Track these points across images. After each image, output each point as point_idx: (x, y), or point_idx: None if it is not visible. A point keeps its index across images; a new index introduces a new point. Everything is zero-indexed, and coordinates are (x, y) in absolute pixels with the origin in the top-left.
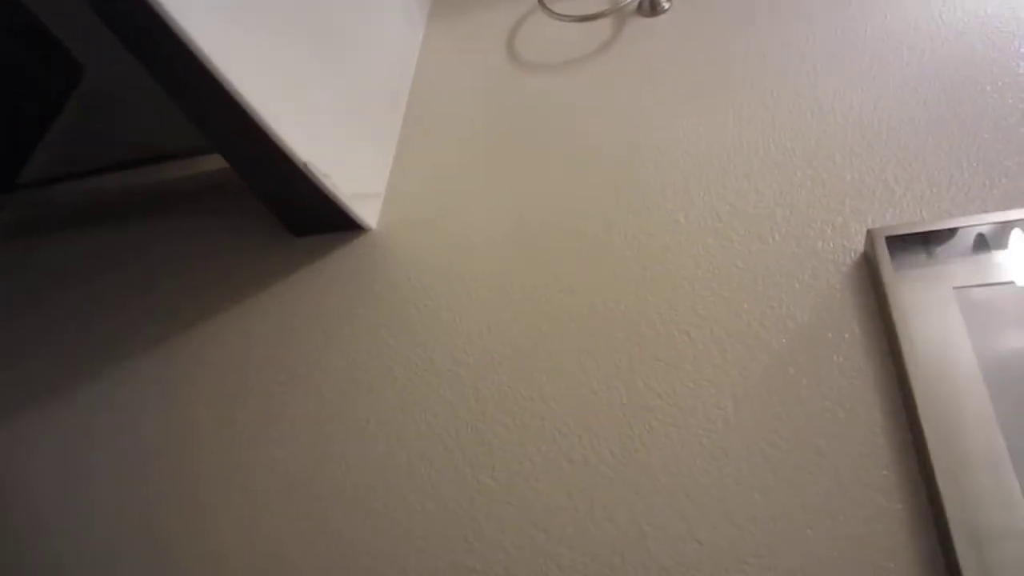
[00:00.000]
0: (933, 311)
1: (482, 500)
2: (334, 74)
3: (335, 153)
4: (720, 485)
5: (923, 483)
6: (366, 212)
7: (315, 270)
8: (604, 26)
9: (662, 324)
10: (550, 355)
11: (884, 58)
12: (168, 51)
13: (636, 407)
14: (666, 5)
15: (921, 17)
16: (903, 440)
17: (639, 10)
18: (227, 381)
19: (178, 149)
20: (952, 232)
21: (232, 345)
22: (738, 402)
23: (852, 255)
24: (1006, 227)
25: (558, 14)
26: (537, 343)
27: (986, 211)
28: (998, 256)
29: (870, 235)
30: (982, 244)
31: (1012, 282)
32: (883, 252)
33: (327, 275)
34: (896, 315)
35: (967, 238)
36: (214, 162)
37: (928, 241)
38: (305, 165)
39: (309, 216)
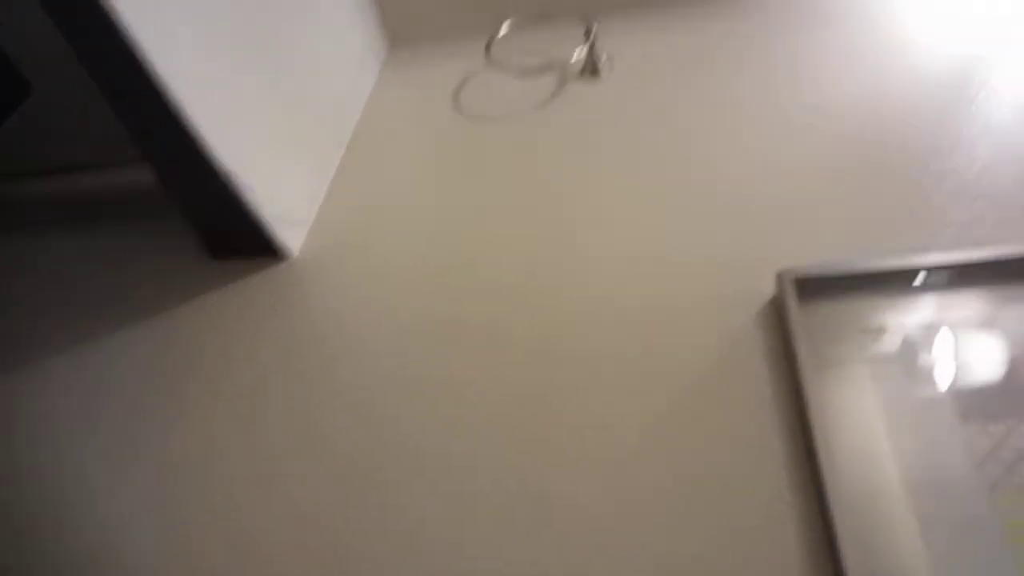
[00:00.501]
0: (839, 356)
1: (376, 537)
2: (277, 95)
3: (265, 172)
4: (620, 521)
5: (823, 527)
6: (289, 238)
7: (228, 293)
8: (547, 84)
9: (573, 359)
10: (458, 386)
11: (806, 107)
12: (110, 47)
13: (541, 440)
14: (606, 70)
15: (843, 78)
16: (807, 492)
17: (581, 73)
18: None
19: (103, 160)
20: (864, 276)
21: (125, 367)
22: (644, 438)
23: (764, 297)
24: (915, 273)
25: (502, 66)
26: (446, 373)
27: (900, 255)
28: (911, 300)
29: (779, 277)
30: (895, 287)
31: (926, 324)
32: (791, 294)
33: (239, 300)
34: (800, 358)
35: (880, 282)
36: (139, 174)
37: (839, 285)
38: (227, 174)
39: (229, 236)
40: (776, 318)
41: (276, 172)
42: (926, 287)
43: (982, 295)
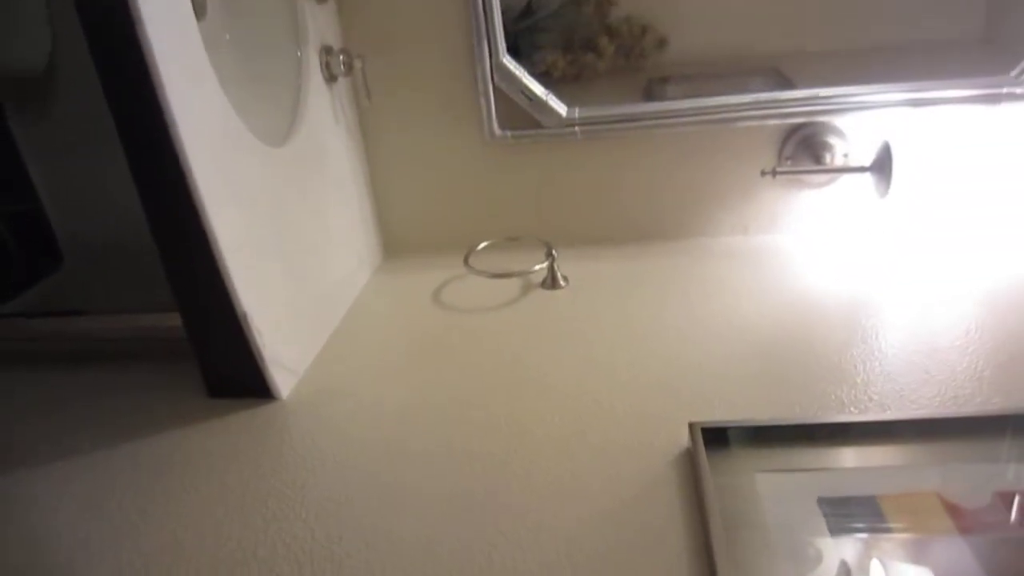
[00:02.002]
0: (743, 503)
1: None
2: (291, 264)
3: (273, 321)
4: None
5: None
6: (282, 382)
7: (220, 425)
8: (513, 290)
9: (518, 481)
10: (410, 490)
11: (718, 313)
12: (187, 219)
13: (481, 549)
14: (563, 283)
15: (751, 296)
16: None
17: (543, 283)
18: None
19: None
20: (771, 428)
21: (108, 486)
22: (572, 560)
23: (681, 446)
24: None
25: (477, 271)
26: (405, 482)
27: (804, 414)
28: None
29: (691, 427)
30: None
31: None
32: (699, 445)
33: (231, 431)
34: (708, 506)
35: (783, 434)
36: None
37: (748, 435)
38: (244, 315)
39: (231, 373)
40: (689, 465)
41: (281, 324)
42: (825, 441)
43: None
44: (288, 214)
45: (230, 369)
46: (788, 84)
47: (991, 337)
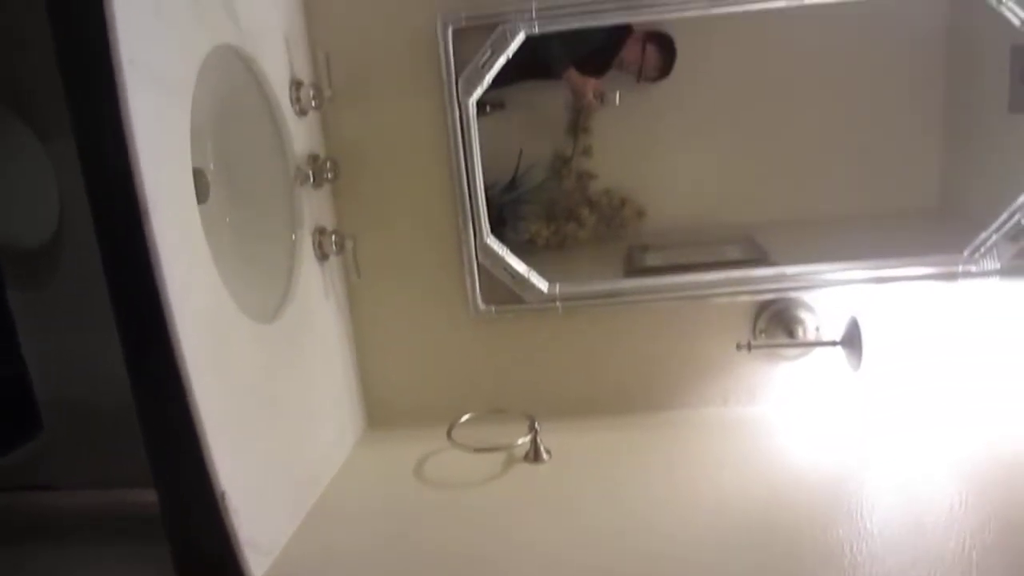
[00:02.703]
0: None
1: None
2: (271, 438)
3: (252, 498)
4: None
5: None
6: (256, 564)
7: None
8: (496, 464)
9: None
10: None
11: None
12: (173, 393)
13: None
14: (546, 457)
15: (734, 473)
16: None
17: (525, 457)
18: None
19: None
20: None
21: None
22: None
23: None
24: None
25: (460, 444)
26: None
27: None
28: None
29: None
30: None
31: None
32: None
33: None
34: None
35: None
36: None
37: None
38: (223, 495)
39: (202, 553)
40: None
41: (259, 502)
42: None
43: None
44: (274, 389)
45: (203, 550)
46: (761, 252)
47: (975, 514)
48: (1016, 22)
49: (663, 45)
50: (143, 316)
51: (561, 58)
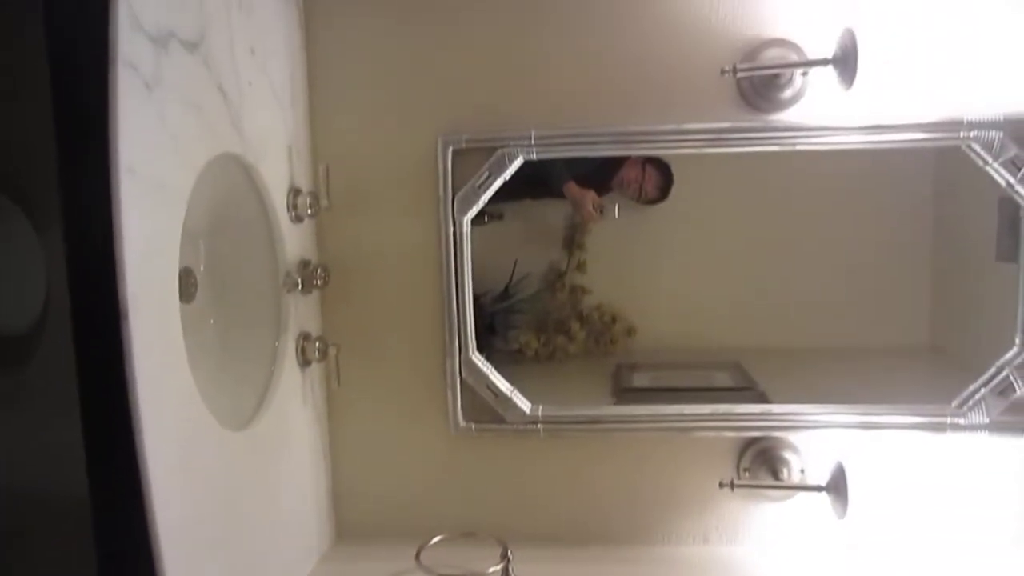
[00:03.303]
0: None
1: None
2: (235, 558)
3: None
4: None
5: None
6: None
7: None
8: None
9: None
10: None
11: None
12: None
13: None
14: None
15: None
16: None
17: None
18: None
19: None
20: None
21: None
22: None
23: None
24: None
25: (427, 568)
26: None
27: None
28: None
29: None
30: None
31: None
32: None
33: None
34: None
35: None
36: None
37: None
38: None
39: None
40: None
41: None
42: None
43: None
44: (240, 499)
45: None
46: (750, 381)
47: None
48: (1002, 183)
49: (661, 168)
50: (110, 416)
51: (561, 175)
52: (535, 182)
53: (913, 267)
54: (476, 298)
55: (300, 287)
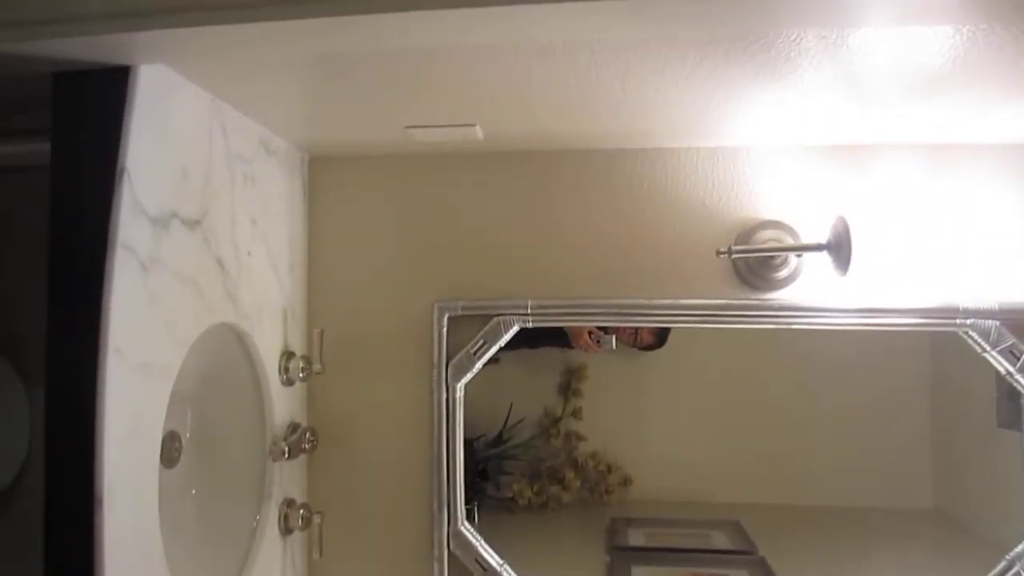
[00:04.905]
0: None
1: None
2: None
3: None
4: None
5: None
6: None
7: None
8: None
9: None
10: None
11: None
12: None
13: None
14: None
15: None
16: None
17: None
18: None
19: None
20: None
21: None
22: None
23: None
24: None
25: None
26: None
27: None
28: None
29: None
30: None
31: None
32: None
33: None
34: None
35: None
36: None
37: None
38: None
39: None
40: None
41: None
42: None
43: None
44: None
45: None
46: (749, 544)
47: None
48: (1002, 371)
49: None
50: None
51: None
52: (533, 335)
53: (916, 432)
54: (469, 443)
55: (287, 455)
